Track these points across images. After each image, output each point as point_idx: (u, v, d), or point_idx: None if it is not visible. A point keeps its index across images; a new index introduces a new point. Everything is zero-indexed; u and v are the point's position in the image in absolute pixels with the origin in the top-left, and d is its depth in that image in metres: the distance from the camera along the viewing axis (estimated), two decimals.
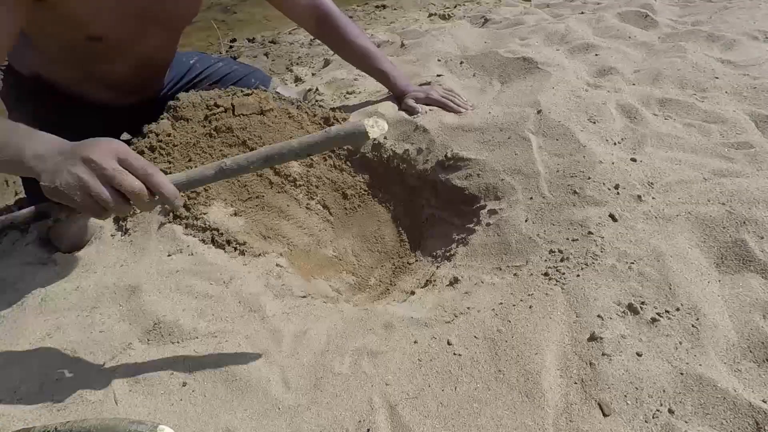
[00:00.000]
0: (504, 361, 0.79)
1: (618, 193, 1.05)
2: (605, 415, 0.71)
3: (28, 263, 1.15)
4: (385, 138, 1.34)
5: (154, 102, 1.39)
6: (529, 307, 0.87)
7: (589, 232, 0.98)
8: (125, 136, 1.32)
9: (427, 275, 1.11)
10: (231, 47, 3.05)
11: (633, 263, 0.91)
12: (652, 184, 1.08)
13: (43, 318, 0.95)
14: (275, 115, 1.28)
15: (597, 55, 1.76)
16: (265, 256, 1.08)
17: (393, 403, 0.75)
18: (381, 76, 1.44)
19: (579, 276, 0.90)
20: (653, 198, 1.05)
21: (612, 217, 1.00)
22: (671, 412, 0.70)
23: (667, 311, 0.83)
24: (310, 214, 1.27)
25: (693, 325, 0.80)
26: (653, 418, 0.70)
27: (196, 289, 0.97)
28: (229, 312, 0.93)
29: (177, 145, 1.20)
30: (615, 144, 1.22)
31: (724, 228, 0.95)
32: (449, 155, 1.24)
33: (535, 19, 2.44)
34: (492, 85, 1.58)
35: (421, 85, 1.53)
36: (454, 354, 0.82)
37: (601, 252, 0.94)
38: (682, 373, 0.74)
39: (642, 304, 0.84)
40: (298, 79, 2.33)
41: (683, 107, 1.39)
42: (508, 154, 1.20)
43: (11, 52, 1.22)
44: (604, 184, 1.07)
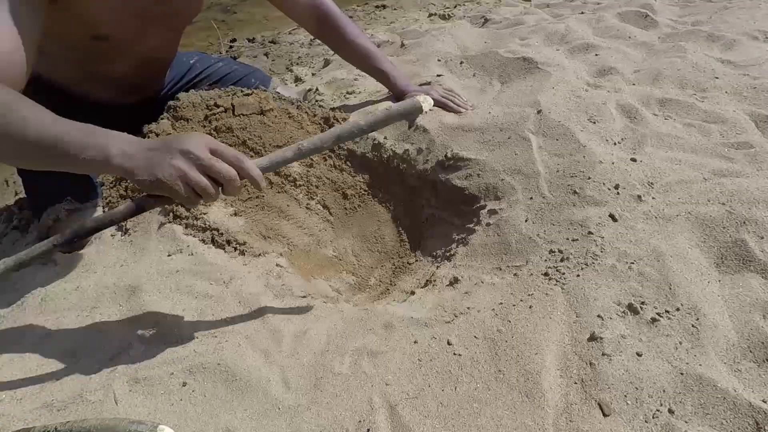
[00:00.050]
0: (504, 361, 0.79)
1: (618, 193, 1.05)
2: (605, 415, 0.71)
3: None
4: (385, 138, 1.35)
5: (154, 102, 1.39)
6: (529, 307, 0.87)
7: (589, 232, 0.98)
8: None
9: (427, 275, 1.11)
10: (231, 47, 3.05)
11: (633, 263, 0.91)
12: (652, 184, 1.08)
13: (43, 318, 0.95)
14: (275, 115, 1.28)
15: (597, 55, 1.76)
16: (265, 256, 1.08)
17: (393, 403, 0.75)
18: (381, 76, 1.44)
19: (579, 276, 0.90)
20: (653, 198, 1.05)
21: (612, 217, 1.00)
22: (671, 412, 0.70)
23: (667, 311, 0.83)
24: (310, 214, 1.27)
25: (693, 325, 0.80)
26: (653, 418, 0.70)
27: (196, 289, 0.97)
28: (229, 312, 0.93)
29: None
30: (615, 144, 1.22)
31: (724, 228, 0.95)
32: (449, 155, 1.24)
33: (535, 19, 2.44)
34: (492, 85, 1.58)
35: (421, 85, 1.54)
36: (454, 354, 0.82)
37: (601, 252, 0.94)
38: (682, 373, 0.74)
39: (642, 304, 0.84)
40: (298, 79, 2.33)
41: (683, 107, 1.39)
42: (508, 154, 1.20)
43: None
44: (604, 184, 1.07)
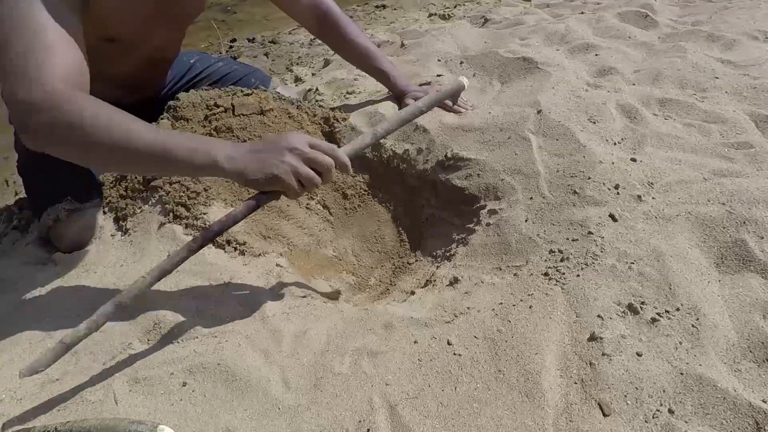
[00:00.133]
0: (504, 361, 0.79)
1: (618, 193, 1.05)
2: (605, 415, 0.71)
3: (28, 263, 1.15)
4: (385, 138, 1.34)
5: (154, 102, 1.39)
6: (529, 307, 0.87)
7: (589, 232, 0.98)
8: None
9: (427, 275, 1.11)
10: (231, 47, 3.05)
11: (633, 263, 0.91)
12: (652, 184, 1.08)
13: (43, 318, 0.95)
14: (275, 115, 1.28)
15: (597, 55, 1.76)
16: (265, 256, 1.08)
17: (393, 403, 0.75)
18: (381, 75, 1.44)
19: (579, 276, 0.90)
20: (653, 198, 1.05)
21: (612, 217, 1.00)
22: (671, 412, 0.70)
23: (667, 311, 0.83)
24: (310, 214, 1.27)
25: (693, 325, 0.80)
26: (653, 418, 0.70)
27: (196, 289, 0.97)
28: (229, 312, 0.93)
29: None
30: (615, 144, 1.22)
31: (724, 228, 0.95)
32: (449, 155, 1.24)
33: (535, 19, 2.44)
34: (492, 85, 1.58)
35: (421, 85, 1.53)
36: (454, 354, 0.82)
37: (601, 252, 0.94)
38: (682, 373, 0.74)
39: (642, 304, 0.84)
40: (298, 79, 2.33)
41: (683, 107, 1.39)
42: (508, 154, 1.20)
43: None
44: (604, 184, 1.07)
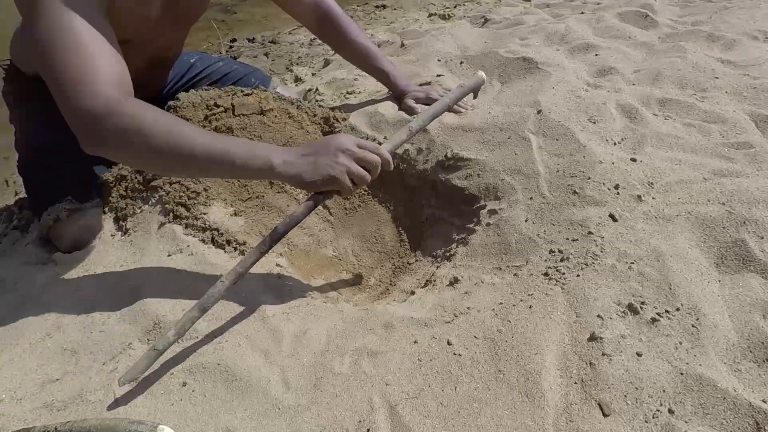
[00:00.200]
0: (504, 361, 0.79)
1: (618, 193, 1.05)
2: (605, 415, 0.71)
3: (28, 263, 1.15)
4: (385, 138, 1.34)
5: (155, 101, 1.38)
6: (529, 307, 0.87)
7: (589, 232, 0.98)
8: None
9: (427, 275, 1.11)
10: (231, 47, 3.05)
11: (633, 263, 0.91)
12: (652, 184, 1.08)
13: (43, 318, 0.95)
14: (275, 115, 1.28)
15: (597, 55, 1.76)
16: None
17: (393, 403, 0.75)
18: (381, 75, 1.44)
19: (579, 276, 0.90)
20: (653, 198, 1.05)
21: (612, 217, 1.00)
22: (671, 412, 0.70)
23: (667, 311, 0.83)
24: (310, 214, 1.27)
25: (693, 325, 0.80)
26: (653, 418, 0.70)
27: (196, 289, 0.97)
28: (229, 312, 0.93)
29: None
30: (615, 144, 1.22)
31: (724, 228, 0.95)
32: (449, 155, 1.24)
33: (535, 19, 2.44)
34: (492, 85, 1.58)
35: (421, 85, 1.54)
36: (454, 354, 0.81)
37: (601, 252, 0.94)
38: (682, 373, 0.74)
39: (642, 304, 0.84)
40: (298, 79, 2.33)
41: (683, 107, 1.39)
42: (508, 154, 1.20)
43: (16, 52, 1.23)
44: (604, 184, 1.07)
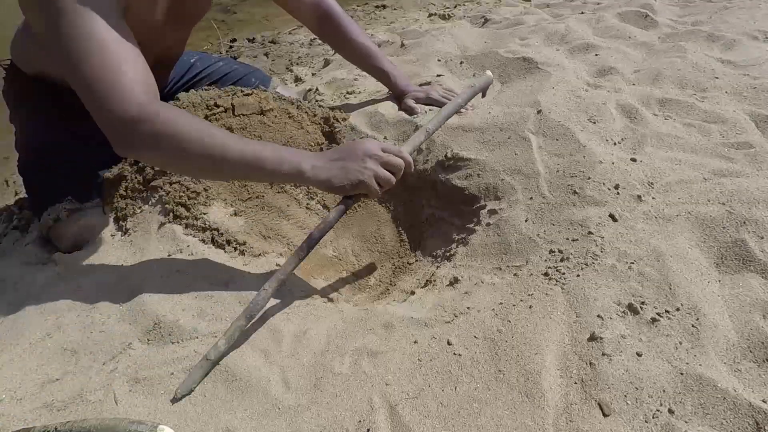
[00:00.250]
0: (504, 361, 0.79)
1: (618, 193, 1.05)
2: (605, 415, 0.71)
3: (28, 263, 1.15)
4: (384, 138, 1.35)
5: None
6: (529, 307, 0.87)
7: (589, 232, 0.98)
8: None
9: (427, 275, 1.11)
10: (231, 47, 3.05)
11: (633, 263, 0.91)
12: (652, 184, 1.08)
13: (43, 318, 0.95)
14: (275, 115, 1.28)
15: (597, 55, 1.76)
16: (265, 256, 1.08)
17: (393, 403, 0.75)
18: (381, 75, 1.44)
19: (579, 276, 0.90)
20: (653, 198, 1.05)
21: (612, 217, 1.00)
22: (671, 412, 0.70)
23: (667, 311, 0.83)
24: (310, 214, 1.27)
25: (693, 325, 0.80)
26: (653, 418, 0.70)
27: (196, 289, 0.97)
28: (229, 312, 0.93)
29: None
30: (615, 144, 1.22)
31: (724, 228, 0.95)
32: (449, 155, 1.24)
33: (535, 19, 2.44)
34: (492, 85, 1.57)
35: (421, 85, 1.54)
36: (454, 354, 0.81)
37: (601, 252, 0.94)
38: (682, 373, 0.74)
39: (642, 304, 0.84)
40: (298, 79, 2.33)
41: (683, 107, 1.39)
42: (508, 154, 1.20)
43: (17, 53, 1.23)
44: (604, 184, 1.07)
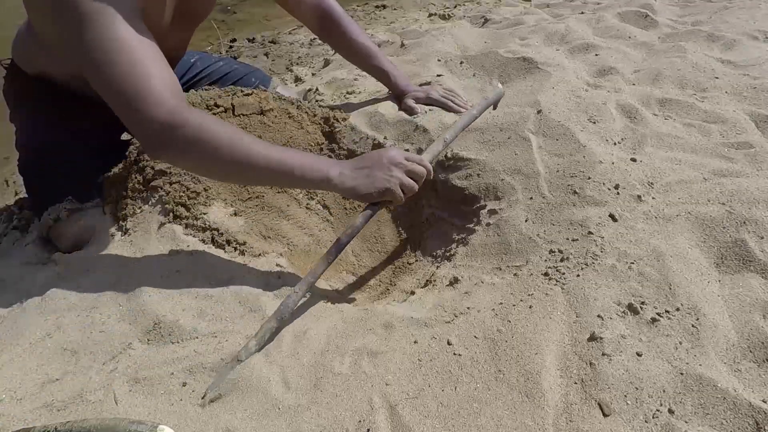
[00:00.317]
0: (504, 361, 0.79)
1: (618, 193, 1.05)
2: (605, 415, 0.71)
3: (28, 263, 1.15)
4: (385, 138, 1.34)
5: None
6: (529, 307, 0.87)
7: (589, 232, 0.98)
8: (125, 136, 1.32)
9: (427, 275, 1.11)
10: (231, 47, 3.05)
11: (633, 263, 0.91)
12: (652, 184, 1.08)
13: (43, 318, 0.95)
14: (275, 115, 1.28)
15: (597, 55, 1.76)
16: (265, 256, 1.08)
17: (393, 403, 0.75)
18: (382, 75, 1.44)
19: (579, 276, 0.90)
20: (653, 198, 1.05)
21: (612, 217, 1.00)
22: (671, 412, 0.70)
23: (667, 311, 0.83)
24: (310, 214, 1.27)
25: (693, 325, 0.80)
26: (653, 418, 0.70)
27: (196, 289, 0.97)
28: (229, 312, 0.93)
29: None
30: (615, 144, 1.22)
31: (724, 228, 0.95)
32: (449, 155, 1.24)
33: (535, 19, 2.44)
34: (492, 85, 1.58)
35: (421, 85, 1.54)
36: (454, 354, 0.81)
37: (601, 252, 0.94)
38: (682, 373, 0.74)
39: (642, 304, 0.84)
40: (298, 79, 2.33)
41: (683, 107, 1.39)
42: (508, 154, 1.20)
43: (18, 52, 1.23)
44: (604, 184, 1.07)
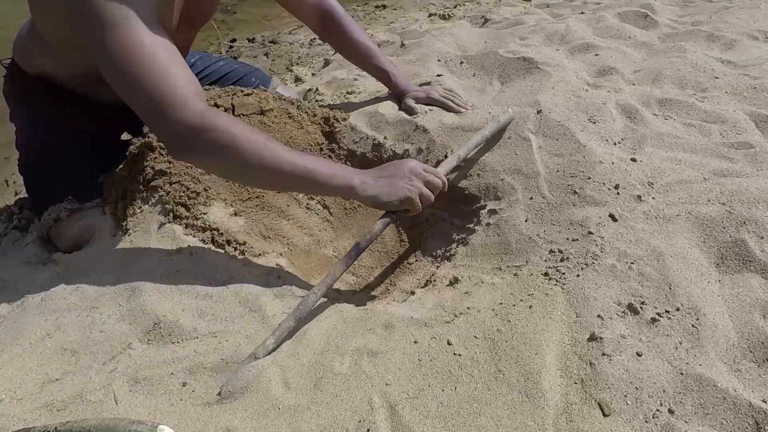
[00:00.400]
0: (504, 361, 0.79)
1: (618, 193, 1.05)
2: (605, 415, 0.71)
3: (28, 263, 1.15)
4: (385, 138, 1.35)
5: None
6: (529, 307, 0.87)
7: (589, 232, 0.98)
8: (125, 136, 1.32)
9: (427, 275, 1.11)
10: (231, 47, 3.05)
11: (633, 263, 0.91)
12: (652, 184, 1.08)
13: (43, 318, 0.95)
14: (275, 115, 1.28)
15: (597, 55, 1.76)
16: (265, 256, 1.08)
17: (393, 403, 0.75)
18: (382, 75, 1.44)
19: (579, 276, 0.90)
20: (653, 198, 1.05)
21: (612, 217, 1.00)
22: (671, 412, 0.70)
23: (667, 311, 0.83)
24: (310, 214, 1.27)
25: (693, 325, 0.80)
26: (653, 418, 0.70)
27: (196, 289, 0.97)
28: (229, 312, 0.93)
29: None
30: (615, 144, 1.22)
31: (724, 228, 0.95)
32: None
33: (535, 19, 2.44)
34: (492, 85, 1.58)
35: (421, 85, 1.54)
36: (454, 354, 0.81)
37: (601, 252, 0.94)
38: (682, 373, 0.74)
39: (642, 304, 0.84)
40: (298, 79, 2.33)
41: (683, 107, 1.39)
42: (508, 154, 1.20)
43: (19, 52, 1.23)
44: (604, 184, 1.07)
